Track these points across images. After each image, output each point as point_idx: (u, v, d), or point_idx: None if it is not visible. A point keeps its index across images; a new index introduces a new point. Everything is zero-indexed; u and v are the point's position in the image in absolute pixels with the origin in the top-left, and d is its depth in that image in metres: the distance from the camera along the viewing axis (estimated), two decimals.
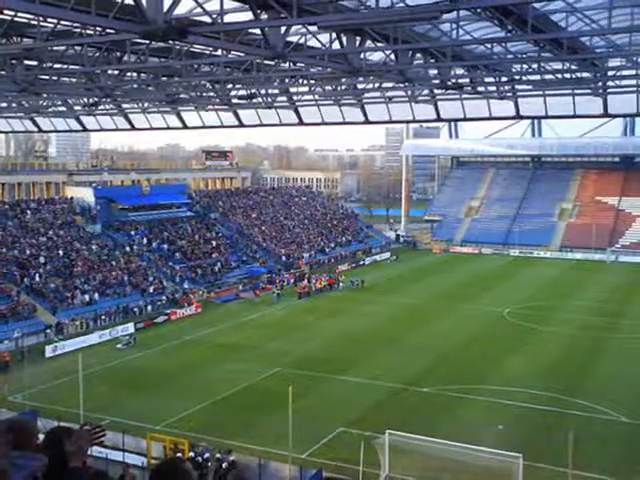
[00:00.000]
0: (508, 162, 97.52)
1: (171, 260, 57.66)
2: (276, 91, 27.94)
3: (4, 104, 31.40)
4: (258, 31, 15.58)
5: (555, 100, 27.74)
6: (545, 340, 40.66)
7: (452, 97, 28.15)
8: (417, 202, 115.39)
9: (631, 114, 45.57)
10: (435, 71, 23.58)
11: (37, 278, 47.03)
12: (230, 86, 26.45)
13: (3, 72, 20.81)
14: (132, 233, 59.42)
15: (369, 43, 17.61)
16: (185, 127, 34.67)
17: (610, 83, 25.22)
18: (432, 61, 21.05)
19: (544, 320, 45.61)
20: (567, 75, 23.33)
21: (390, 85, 25.52)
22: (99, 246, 54.93)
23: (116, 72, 22.76)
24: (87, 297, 47.00)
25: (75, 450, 3.30)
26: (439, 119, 31.92)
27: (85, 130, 38.80)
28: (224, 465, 22.09)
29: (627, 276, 64.84)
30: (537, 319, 45.98)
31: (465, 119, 31.48)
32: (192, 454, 22.62)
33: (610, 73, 23.71)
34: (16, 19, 16.06)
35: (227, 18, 13.09)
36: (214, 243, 63.75)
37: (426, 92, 28.06)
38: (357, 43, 17.32)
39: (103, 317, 45.05)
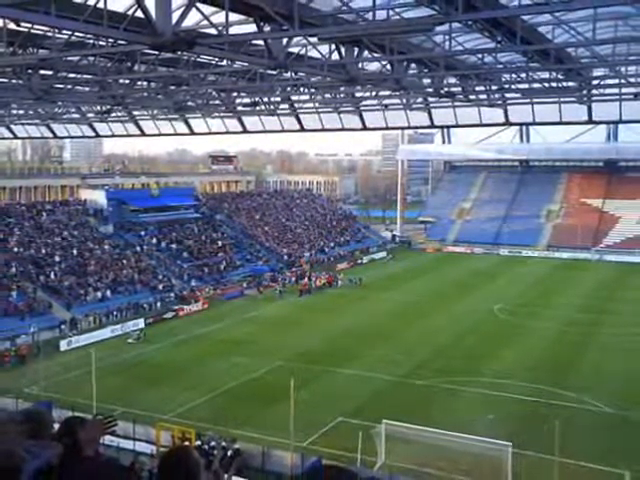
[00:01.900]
0: (498, 166, 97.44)
1: (179, 259, 57.63)
2: (278, 99, 27.94)
3: (21, 111, 31.40)
4: (261, 42, 15.57)
5: (542, 107, 27.76)
6: (534, 335, 40.63)
7: (445, 105, 28.15)
8: (412, 204, 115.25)
9: (614, 121, 45.52)
10: (429, 80, 23.58)
11: (52, 276, 47.02)
12: (235, 94, 26.45)
13: (20, 81, 20.81)
14: (142, 233, 59.38)
15: (366, 54, 17.60)
16: (192, 133, 34.66)
17: (594, 92, 25.22)
18: (426, 71, 21.05)
19: (533, 316, 45.58)
20: (554, 84, 23.32)
21: (386, 93, 25.53)
22: (111, 246, 54.91)
23: (127, 81, 22.74)
24: (100, 294, 46.98)
25: (88, 439, 3.30)
26: (433, 125, 31.95)
27: (98, 136, 38.81)
28: (229, 453, 22.06)
29: (610, 274, 64.84)
30: (526, 315, 45.96)
31: (457, 125, 31.52)
32: (199, 442, 22.58)
33: (594, 82, 23.70)
34: (32, 31, 16.06)
35: (232, 30, 13.08)
36: (220, 243, 63.71)
37: (420, 100, 28.06)
38: (355, 54, 17.31)
39: (115, 313, 44.99)
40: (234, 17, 13.02)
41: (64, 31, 15.44)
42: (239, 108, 28.86)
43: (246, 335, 41.07)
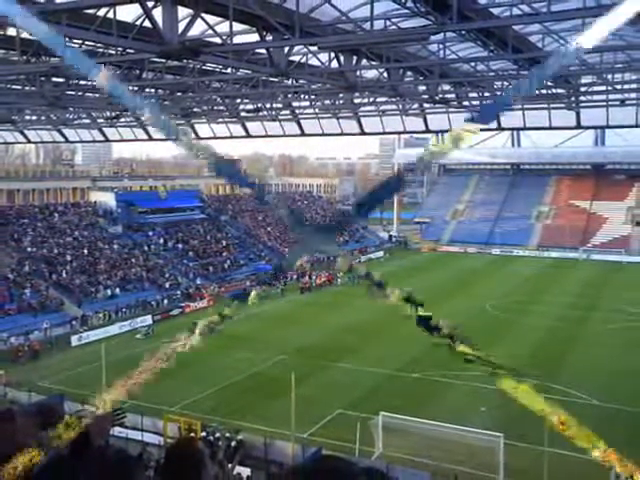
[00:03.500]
0: (490, 169, 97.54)
1: (185, 258, 57.63)
2: (280, 105, 27.96)
3: (34, 117, 31.42)
4: (264, 51, 15.58)
5: (533, 113, 27.79)
6: (524, 331, 40.57)
7: (439, 111, 28.18)
8: (408, 205, 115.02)
9: (601, 126, 45.58)
10: (424, 87, 23.59)
11: (64, 274, 47.02)
12: (238, 101, 26.47)
13: (33, 88, 20.81)
14: (150, 234, 59.39)
15: (364, 62, 17.62)
16: (198, 138, 34.65)
17: (582, 98, 25.25)
18: (421, 78, 21.07)
19: (523, 312, 45.55)
20: (544, 91, 23.34)
21: (383, 99, 25.56)
22: (120, 245, 54.92)
23: (135, 88, 22.75)
24: (109, 292, 46.99)
25: (98, 430, 3.30)
26: (428, 130, 31.94)
27: (107, 140, 38.82)
28: (233, 444, 22.08)
29: (598, 273, 64.80)
30: (517, 312, 45.92)
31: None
32: (204, 434, 22.59)
33: (583, 89, 23.72)
34: None
35: (236, 39, 13.09)
36: (224, 243, 63.72)
37: (416, 106, 28.09)
38: (353, 62, 17.32)
39: (124, 310, 44.99)
40: (238, 27, 13.03)
41: (75, 40, 15.43)
42: (242, 114, 28.90)
43: (249, 331, 41.00)
